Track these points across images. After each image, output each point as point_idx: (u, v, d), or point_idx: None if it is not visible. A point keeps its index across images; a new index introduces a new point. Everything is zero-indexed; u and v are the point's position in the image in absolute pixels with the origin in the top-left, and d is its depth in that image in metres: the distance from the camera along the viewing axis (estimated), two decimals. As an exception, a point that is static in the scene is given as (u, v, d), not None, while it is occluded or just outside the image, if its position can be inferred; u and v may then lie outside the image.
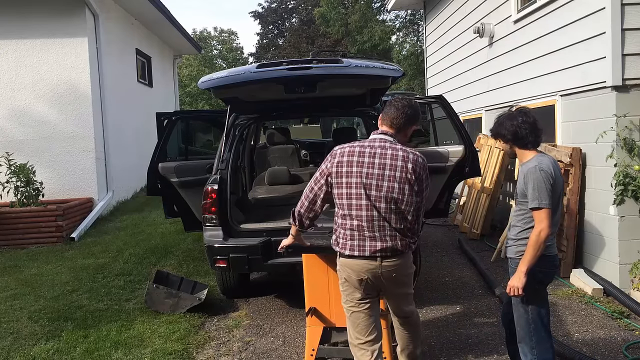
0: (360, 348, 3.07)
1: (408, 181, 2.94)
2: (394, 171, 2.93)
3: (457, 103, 9.45)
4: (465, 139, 5.78)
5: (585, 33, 5.56)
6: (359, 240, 2.96)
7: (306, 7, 37.81)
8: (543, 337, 3.18)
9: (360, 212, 2.94)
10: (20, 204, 8.62)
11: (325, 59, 4.95)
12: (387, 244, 2.95)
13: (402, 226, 2.98)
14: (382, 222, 2.94)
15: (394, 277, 3.02)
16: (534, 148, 3.19)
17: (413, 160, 2.96)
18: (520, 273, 3.04)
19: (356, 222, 2.95)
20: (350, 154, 2.98)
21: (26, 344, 4.61)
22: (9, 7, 9.37)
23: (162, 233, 8.57)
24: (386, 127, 3.07)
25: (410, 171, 2.94)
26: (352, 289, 3.06)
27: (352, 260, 2.99)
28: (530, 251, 3.02)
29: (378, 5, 27.59)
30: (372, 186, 2.92)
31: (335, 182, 2.99)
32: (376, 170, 2.93)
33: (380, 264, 2.96)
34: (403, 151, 2.97)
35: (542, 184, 3.01)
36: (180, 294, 5.25)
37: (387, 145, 2.98)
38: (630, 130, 5.08)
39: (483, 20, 8.42)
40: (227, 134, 5.30)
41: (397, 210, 2.94)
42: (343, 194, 2.96)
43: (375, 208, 2.92)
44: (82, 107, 9.63)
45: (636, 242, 5.11)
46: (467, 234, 7.87)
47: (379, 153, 2.96)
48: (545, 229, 2.99)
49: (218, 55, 40.24)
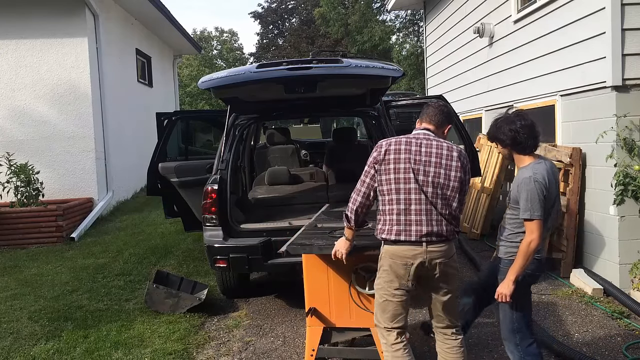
0: (387, 331, 3.14)
1: (454, 168, 3.05)
2: (440, 158, 3.04)
3: (457, 103, 9.45)
4: (465, 139, 5.78)
5: (585, 33, 5.56)
6: (405, 225, 3.00)
7: (306, 7, 37.81)
8: (526, 335, 3.24)
9: (408, 195, 3.00)
10: (20, 204, 8.63)
11: (325, 59, 4.95)
12: (433, 228, 2.99)
13: (447, 212, 3.03)
14: (428, 206, 3.00)
15: (439, 264, 3.01)
16: (532, 152, 3.20)
17: (458, 150, 3.11)
18: (509, 281, 3.08)
19: (403, 206, 3.00)
20: (397, 143, 3.08)
21: (26, 344, 4.61)
22: (9, 7, 9.37)
23: (162, 233, 8.57)
24: (426, 124, 3.21)
25: (455, 159, 3.06)
26: (391, 278, 3.06)
27: (398, 247, 3.02)
28: (520, 260, 3.05)
29: (378, 5, 27.61)
30: (420, 171, 3.01)
31: (383, 169, 3.05)
32: (423, 157, 3.04)
33: (426, 249, 2.99)
34: (447, 143, 3.13)
35: (535, 196, 3.02)
36: (180, 294, 5.25)
37: (431, 138, 3.12)
38: (630, 130, 5.08)
39: (483, 20, 8.42)
40: (227, 134, 5.30)
41: (442, 195, 3.01)
42: (391, 179, 3.03)
43: (422, 192, 3.00)
44: (82, 107, 9.64)
45: (636, 242, 5.11)
46: (467, 234, 7.86)
47: (424, 144, 3.09)
48: (535, 240, 3.02)
49: (218, 55, 40.25)
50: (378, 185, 3.07)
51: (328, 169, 7.07)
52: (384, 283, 3.10)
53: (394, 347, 3.10)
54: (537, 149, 3.24)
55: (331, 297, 3.57)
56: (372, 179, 3.10)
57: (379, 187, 3.07)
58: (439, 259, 3.01)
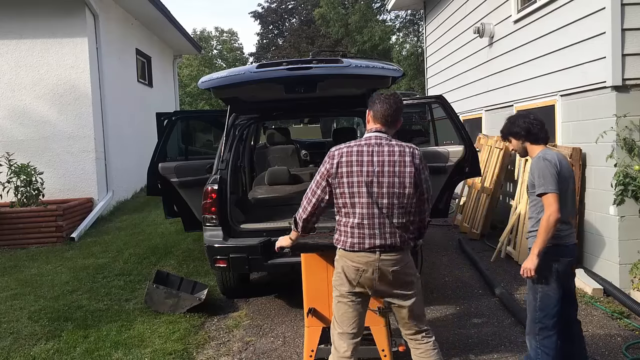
0: (339, 338, 3.10)
1: (408, 174, 2.97)
2: (392, 166, 2.96)
3: (457, 103, 9.45)
4: (465, 139, 5.78)
5: (585, 33, 5.56)
6: (359, 238, 2.98)
7: (306, 7, 37.81)
8: (548, 326, 3.27)
9: (361, 210, 2.96)
10: (20, 204, 8.63)
11: (325, 59, 4.95)
12: (386, 241, 2.97)
13: (404, 220, 3.00)
14: (382, 220, 2.96)
15: (391, 273, 3.00)
16: (544, 144, 3.38)
17: (410, 153, 3.01)
18: (533, 255, 3.19)
19: (357, 220, 2.98)
20: (349, 154, 3.00)
21: (26, 344, 4.61)
22: (9, 8, 9.37)
23: (162, 233, 8.57)
24: (378, 124, 3.08)
25: (408, 164, 2.98)
26: (343, 281, 3.06)
27: (352, 253, 3.02)
28: (542, 234, 3.15)
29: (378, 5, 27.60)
30: (373, 183, 2.95)
31: (336, 182, 3.00)
32: (376, 167, 2.96)
33: (379, 257, 2.97)
34: (399, 146, 3.02)
35: (547, 171, 3.17)
36: (180, 294, 5.25)
37: (383, 142, 3.01)
38: (630, 130, 5.08)
39: (483, 20, 8.42)
40: (227, 134, 5.29)
41: (399, 205, 2.97)
42: (345, 193, 2.98)
43: (376, 205, 2.95)
44: (82, 107, 9.63)
45: (636, 242, 5.11)
46: (467, 234, 7.87)
47: (376, 150, 2.99)
48: (554, 213, 3.11)
49: (218, 55, 40.24)
50: (333, 197, 3.04)
51: None
52: (336, 284, 3.12)
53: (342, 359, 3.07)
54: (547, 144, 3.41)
55: (330, 297, 3.56)
56: (323, 191, 3.05)
57: (334, 199, 3.04)
58: (392, 267, 2.99)
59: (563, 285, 3.31)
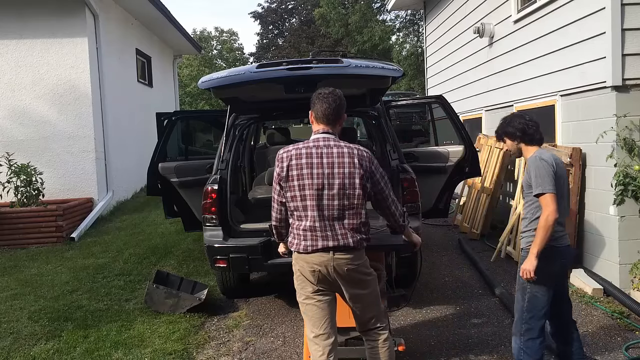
0: (314, 342, 3.08)
1: (357, 175, 2.97)
2: (342, 168, 2.96)
3: (457, 103, 9.45)
4: (465, 139, 5.78)
5: (585, 33, 5.56)
6: (312, 240, 2.99)
7: (306, 7, 37.81)
8: (533, 328, 3.26)
9: (313, 212, 2.97)
10: (20, 204, 8.63)
11: (325, 59, 4.94)
12: (339, 242, 2.98)
13: (355, 221, 3.00)
14: (332, 222, 2.97)
15: (346, 271, 3.00)
16: (539, 145, 3.35)
17: (359, 155, 3.00)
18: (532, 256, 3.17)
19: (309, 223, 2.98)
20: (298, 156, 2.99)
21: (26, 344, 4.61)
22: (9, 8, 9.37)
23: (162, 233, 8.57)
24: (322, 125, 3.07)
25: (357, 165, 2.97)
26: (304, 282, 3.08)
27: (306, 255, 3.02)
28: (540, 234, 3.13)
29: (378, 5, 27.61)
30: (324, 185, 2.96)
31: (287, 186, 3.01)
32: (326, 169, 2.96)
33: (333, 257, 2.98)
34: (348, 147, 3.01)
35: (544, 170, 3.15)
36: (180, 294, 5.25)
37: (331, 144, 3.01)
38: (630, 130, 5.08)
39: (483, 20, 8.42)
40: (227, 134, 5.29)
41: (349, 205, 2.98)
42: (296, 196, 2.99)
43: (327, 207, 2.97)
44: (82, 107, 9.63)
45: (636, 242, 5.11)
46: (467, 234, 7.86)
47: (325, 152, 2.99)
48: (552, 213, 3.10)
49: (218, 55, 40.24)
50: (286, 201, 3.04)
51: None
52: (299, 288, 3.13)
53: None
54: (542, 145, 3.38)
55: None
56: (279, 195, 3.07)
57: (287, 203, 3.04)
58: (347, 266, 3.00)
59: (555, 287, 3.29)
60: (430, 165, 5.81)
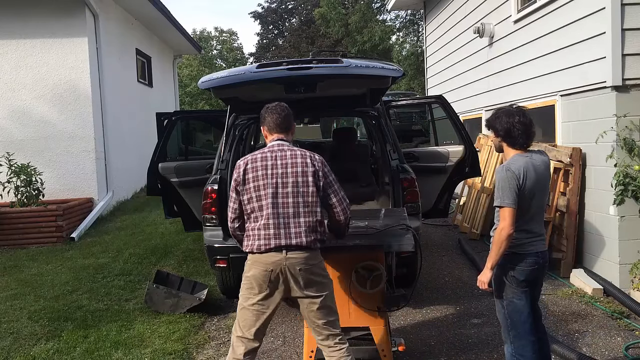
0: (238, 339, 3.14)
1: (310, 174, 3.10)
2: (295, 168, 3.10)
3: (457, 103, 9.45)
4: (465, 139, 5.78)
5: (585, 33, 5.56)
6: (265, 239, 3.06)
7: (306, 7, 37.80)
8: (520, 333, 3.23)
9: (267, 210, 3.06)
10: (20, 204, 8.63)
11: (326, 59, 4.95)
12: (292, 241, 3.04)
13: (309, 220, 3.09)
14: (287, 220, 3.06)
15: (299, 271, 3.04)
16: (521, 148, 3.21)
17: (311, 157, 3.16)
18: (486, 269, 3.18)
19: (264, 222, 3.06)
20: (254, 161, 3.14)
21: (26, 344, 4.61)
22: (9, 8, 9.37)
23: (162, 233, 8.57)
24: (276, 134, 3.25)
25: (309, 165, 3.12)
26: (251, 285, 3.10)
27: (259, 255, 3.07)
28: (493, 248, 3.14)
29: (378, 5, 27.60)
30: (278, 184, 3.08)
31: (244, 190, 3.12)
32: (280, 169, 3.10)
33: (286, 256, 3.03)
34: (301, 151, 3.18)
35: (506, 183, 3.07)
36: (180, 294, 5.25)
37: (285, 149, 3.18)
38: (630, 130, 5.08)
39: (483, 20, 8.42)
40: (227, 134, 5.29)
41: (304, 203, 3.08)
42: (252, 197, 3.10)
43: (282, 205, 3.07)
44: (82, 107, 9.63)
45: (636, 242, 5.11)
46: (467, 234, 7.86)
47: (279, 155, 3.14)
48: (506, 228, 3.05)
49: (218, 55, 40.22)
50: (243, 205, 3.13)
51: None
52: (245, 290, 3.16)
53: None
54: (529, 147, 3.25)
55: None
56: (234, 202, 3.18)
57: (244, 206, 3.13)
58: (300, 266, 3.04)
59: (529, 293, 3.23)
60: (430, 165, 5.81)
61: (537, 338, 3.28)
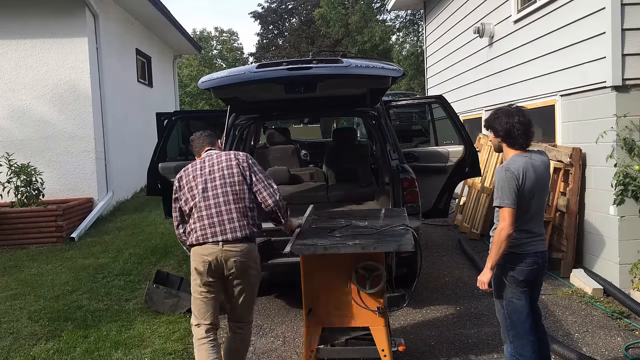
0: (197, 327, 3.48)
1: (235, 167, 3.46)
2: (221, 164, 3.48)
3: (457, 103, 9.45)
4: (465, 139, 5.78)
5: (586, 33, 5.56)
6: (202, 232, 3.39)
7: (306, 7, 37.79)
8: (520, 333, 3.23)
9: (200, 204, 3.41)
10: (20, 204, 8.63)
11: (326, 59, 4.95)
12: (227, 236, 3.37)
13: (239, 206, 3.42)
14: (219, 209, 3.39)
15: (233, 263, 3.37)
16: (521, 149, 3.22)
17: (234, 154, 3.56)
18: (486, 269, 3.21)
19: (197, 215, 3.41)
20: (186, 169, 3.56)
21: (26, 344, 4.61)
22: (9, 8, 9.36)
23: (162, 233, 8.56)
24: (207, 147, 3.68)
25: (233, 160, 3.50)
26: (195, 276, 3.44)
27: (199, 247, 3.40)
28: (493, 248, 3.15)
29: (378, 5, 27.59)
30: (208, 180, 3.44)
31: (181, 194, 3.50)
32: (207, 169, 3.48)
33: (222, 248, 3.36)
34: (226, 153, 3.58)
35: (505, 183, 3.08)
36: (180, 294, 5.25)
37: (212, 154, 3.59)
38: (630, 130, 5.08)
39: (483, 20, 8.43)
40: (227, 134, 5.30)
41: (232, 192, 3.42)
42: (189, 198, 3.46)
43: (212, 197, 3.41)
44: (82, 107, 9.63)
45: (636, 242, 5.11)
46: (467, 234, 7.86)
47: (207, 159, 3.56)
48: (505, 228, 3.06)
49: (218, 55, 40.22)
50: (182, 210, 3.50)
51: (328, 169, 7.07)
52: (192, 281, 3.50)
53: (200, 342, 3.44)
54: (528, 147, 3.25)
55: (330, 298, 3.56)
56: (175, 210, 3.57)
57: (182, 208, 3.50)
58: (235, 257, 3.37)
59: (528, 293, 3.23)
60: (430, 165, 5.81)
61: (536, 338, 3.28)
